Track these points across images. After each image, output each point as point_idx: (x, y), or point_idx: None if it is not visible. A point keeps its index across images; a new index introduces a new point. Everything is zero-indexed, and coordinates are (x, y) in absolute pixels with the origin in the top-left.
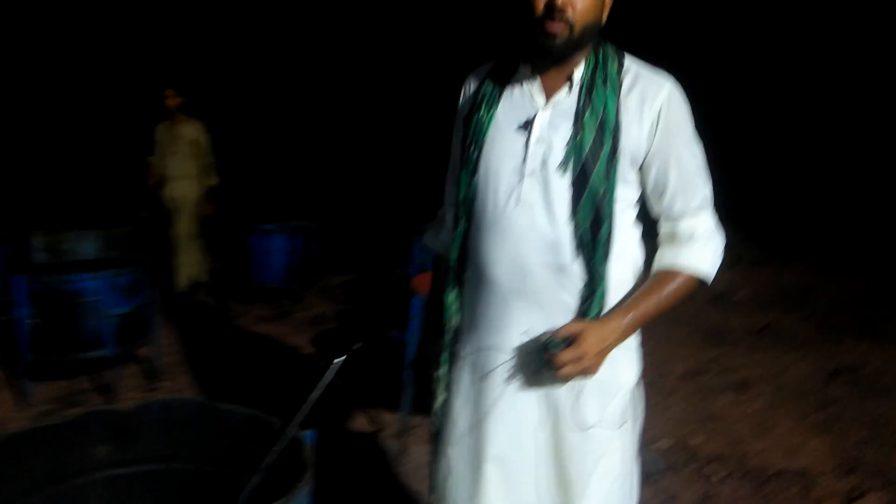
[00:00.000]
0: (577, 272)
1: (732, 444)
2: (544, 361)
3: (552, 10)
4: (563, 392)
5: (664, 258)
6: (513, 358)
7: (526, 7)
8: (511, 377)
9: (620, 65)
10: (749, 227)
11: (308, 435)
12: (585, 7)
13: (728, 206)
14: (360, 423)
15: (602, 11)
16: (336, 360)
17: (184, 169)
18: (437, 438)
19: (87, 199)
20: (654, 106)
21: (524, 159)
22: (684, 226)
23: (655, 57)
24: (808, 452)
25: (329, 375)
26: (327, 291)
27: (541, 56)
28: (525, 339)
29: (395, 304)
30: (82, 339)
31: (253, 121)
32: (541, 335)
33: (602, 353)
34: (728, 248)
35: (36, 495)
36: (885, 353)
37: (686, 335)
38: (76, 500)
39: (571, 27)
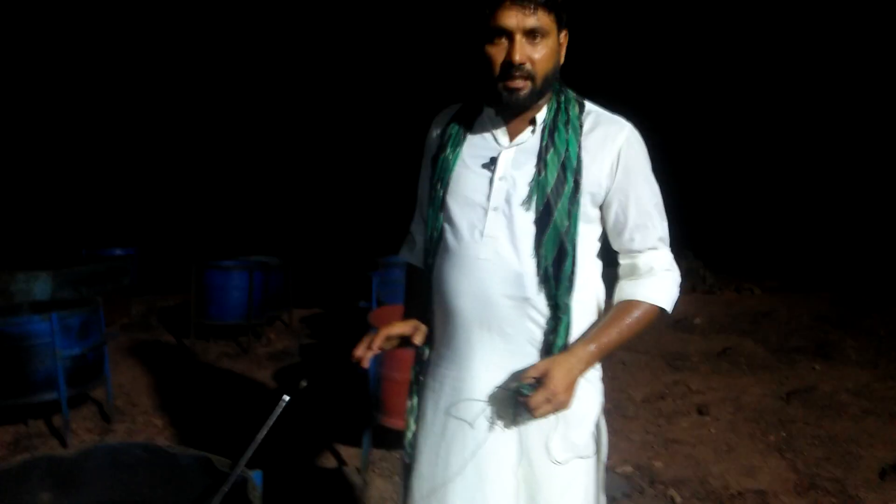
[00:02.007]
0: (541, 304)
1: (694, 466)
2: (519, 406)
3: (511, 67)
4: (534, 428)
5: (625, 290)
6: (486, 407)
7: (487, 65)
8: (489, 424)
9: (581, 108)
10: (707, 254)
11: (255, 475)
12: (543, 57)
13: (686, 236)
14: (323, 458)
15: (559, 55)
16: (283, 398)
17: None
18: (407, 471)
19: (40, 236)
20: (613, 147)
21: (488, 195)
22: (643, 260)
23: (613, 98)
24: (767, 472)
25: (275, 414)
26: (288, 326)
27: (507, 109)
28: (488, 372)
29: (354, 338)
30: (32, 382)
31: (217, 156)
32: (509, 381)
33: (571, 386)
34: (687, 275)
35: None
36: (837, 373)
37: (647, 360)
38: None
39: (533, 79)
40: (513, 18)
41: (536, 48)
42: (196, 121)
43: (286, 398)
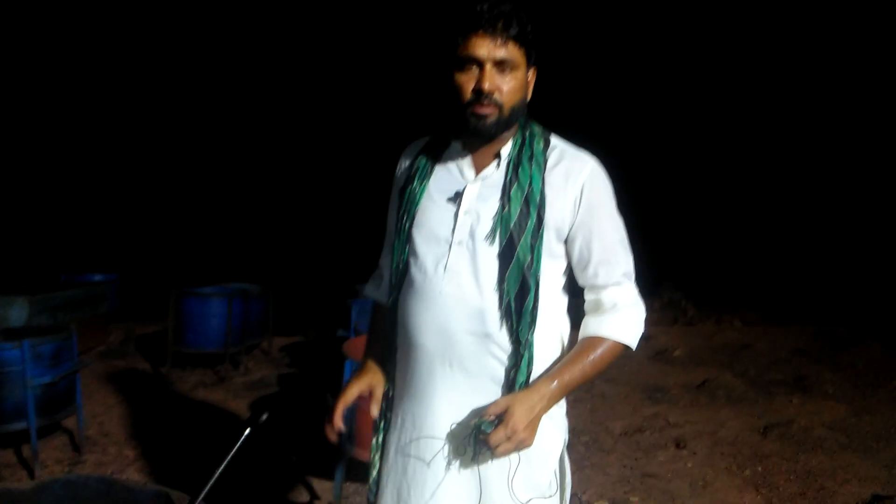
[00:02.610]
0: (503, 340)
1: (670, 501)
2: (480, 444)
3: (480, 95)
4: (495, 467)
5: (589, 326)
6: (446, 445)
7: (456, 92)
8: (447, 463)
9: (546, 143)
10: (687, 286)
11: None
12: (511, 88)
13: (669, 268)
14: (295, 492)
15: (527, 90)
16: (245, 431)
17: None
18: None
19: (18, 261)
20: (577, 182)
21: (453, 229)
22: (608, 295)
23: (585, 131)
24: None
25: (235, 448)
26: (268, 355)
27: (473, 135)
28: (449, 409)
29: (330, 368)
30: (1, 411)
31: (199, 183)
32: (470, 419)
33: (533, 424)
34: (668, 307)
35: None
36: (814, 407)
37: (626, 393)
38: None
39: (500, 108)
40: (484, 48)
41: (505, 79)
42: (178, 147)
43: (248, 431)
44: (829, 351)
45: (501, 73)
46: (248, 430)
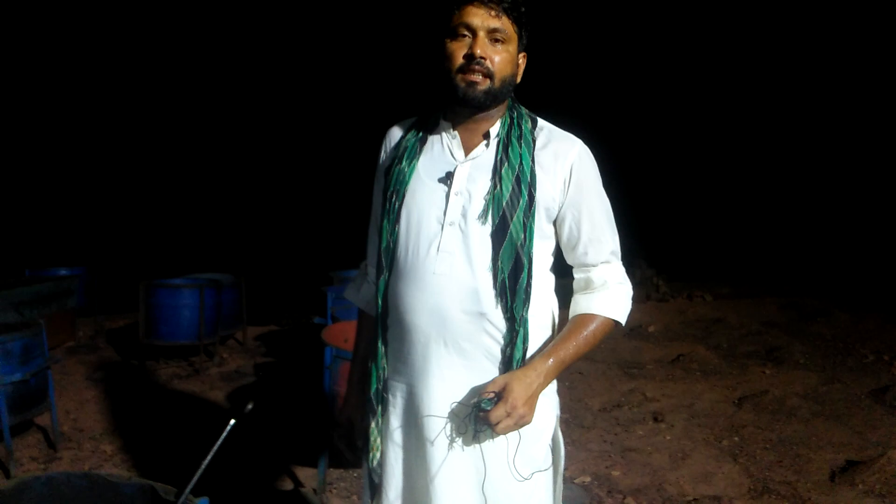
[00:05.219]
0: (497, 318)
1: (650, 474)
2: (480, 422)
3: (472, 60)
4: (497, 444)
5: (580, 304)
6: (448, 423)
7: (447, 58)
8: (450, 442)
9: (534, 124)
10: (659, 262)
11: (202, 502)
12: (503, 60)
13: (640, 245)
14: (279, 480)
15: (517, 69)
16: (230, 422)
17: None
18: (374, 490)
19: None
20: (566, 163)
21: (445, 210)
22: (597, 274)
23: (562, 109)
24: (722, 478)
25: (221, 439)
26: (243, 345)
27: (462, 104)
28: (446, 388)
29: (308, 356)
30: None
31: (167, 171)
32: (469, 397)
33: (531, 400)
34: (641, 284)
35: None
36: (786, 377)
37: (603, 370)
38: None
39: (492, 78)
40: (478, 17)
41: (497, 50)
42: (143, 136)
43: (233, 422)
44: (798, 322)
45: (493, 43)
46: (233, 421)
